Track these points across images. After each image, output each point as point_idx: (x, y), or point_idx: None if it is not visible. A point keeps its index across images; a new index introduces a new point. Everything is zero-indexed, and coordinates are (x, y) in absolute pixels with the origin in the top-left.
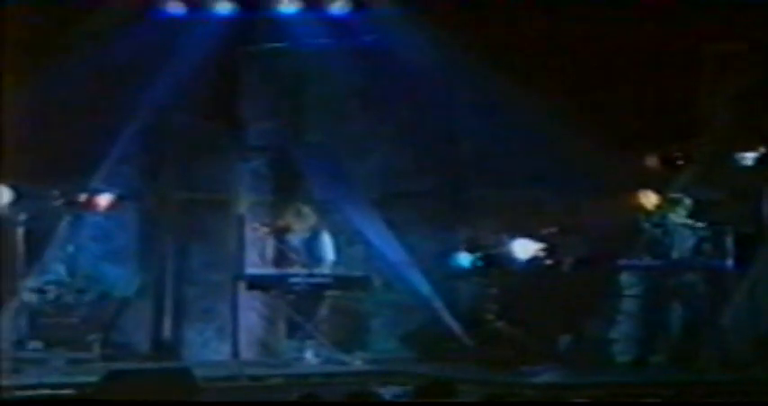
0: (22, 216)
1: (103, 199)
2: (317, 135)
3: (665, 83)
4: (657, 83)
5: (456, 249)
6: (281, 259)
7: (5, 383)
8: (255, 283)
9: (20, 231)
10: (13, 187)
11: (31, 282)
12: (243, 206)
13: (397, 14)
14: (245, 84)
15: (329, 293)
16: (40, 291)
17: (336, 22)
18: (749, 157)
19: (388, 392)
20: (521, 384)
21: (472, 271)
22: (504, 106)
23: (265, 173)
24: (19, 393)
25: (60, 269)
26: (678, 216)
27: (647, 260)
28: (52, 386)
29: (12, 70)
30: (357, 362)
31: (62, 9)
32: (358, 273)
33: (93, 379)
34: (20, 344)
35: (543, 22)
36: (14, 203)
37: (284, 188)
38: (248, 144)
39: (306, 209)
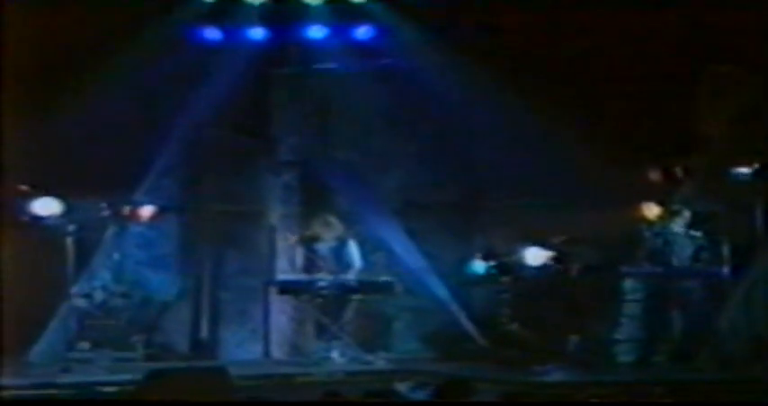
0: (72, 227)
1: (146, 211)
2: (343, 150)
3: (667, 104)
4: (660, 103)
5: (472, 256)
6: (309, 265)
7: (57, 380)
8: (286, 288)
9: (69, 240)
10: (64, 199)
11: (80, 287)
12: (274, 216)
13: (418, 39)
14: (277, 103)
15: (354, 297)
16: (88, 295)
17: (361, 45)
18: (744, 172)
19: (408, 390)
20: (532, 383)
21: (487, 277)
22: (517, 124)
23: (295, 186)
24: (70, 391)
25: (107, 275)
26: (678, 227)
27: (648, 267)
28: (99, 384)
29: (61, 91)
30: (380, 361)
31: (108, 30)
32: (381, 278)
33: (136, 377)
34: (69, 345)
35: (554, 47)
36: (65, 214)
37: (313, 200)
38: (279, 159)
39: (333, 220)
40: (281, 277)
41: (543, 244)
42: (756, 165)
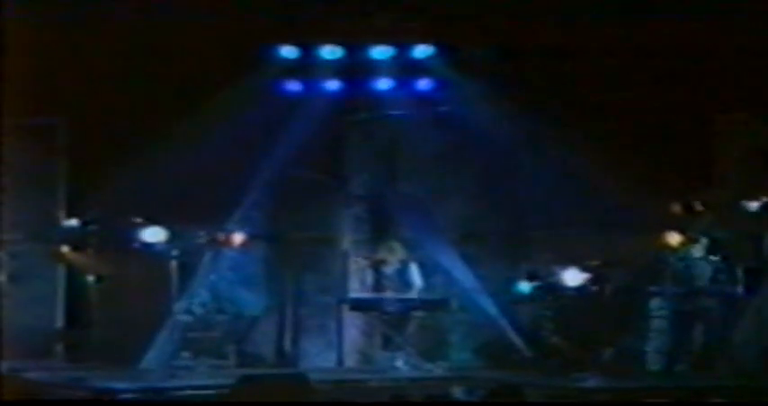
0: (175, 252)
1: (238, 238)
2: (406, 186)
3: (688, 145)
4: (682, 145)
5: (518, 278)
6: (377, 285)
7: (164, 385)
8: (357, 305)
9: (173, 263)
10: (169, 228)
11: (182, 304)
12: (347, 243)
13: (471, 90)
14: (349, 146)
15: (416, 313)
16: (189, 311)
17: (422, 95)
18: (754, 205)
19: (463, 394)
20: (572, 388)
21: (531, 296)
22: (558, 163)
23: (365, 217)
24: (173, 393)
25: (205, 294)
26: (698, 252)
27: (673, 288)
28: (198, 388)
29: (168, 136)
30: (439, 369)
31: (206, 83)
32: (439, 297)
33: (230, 382)
34: (174, 354)
35: (589, 94)
36: (169, 241)
37: (380, 228)
38: (351, 193)
39: (397, 245)
40: (352, 295)
41: (581, 267)
42: (764, 199)
